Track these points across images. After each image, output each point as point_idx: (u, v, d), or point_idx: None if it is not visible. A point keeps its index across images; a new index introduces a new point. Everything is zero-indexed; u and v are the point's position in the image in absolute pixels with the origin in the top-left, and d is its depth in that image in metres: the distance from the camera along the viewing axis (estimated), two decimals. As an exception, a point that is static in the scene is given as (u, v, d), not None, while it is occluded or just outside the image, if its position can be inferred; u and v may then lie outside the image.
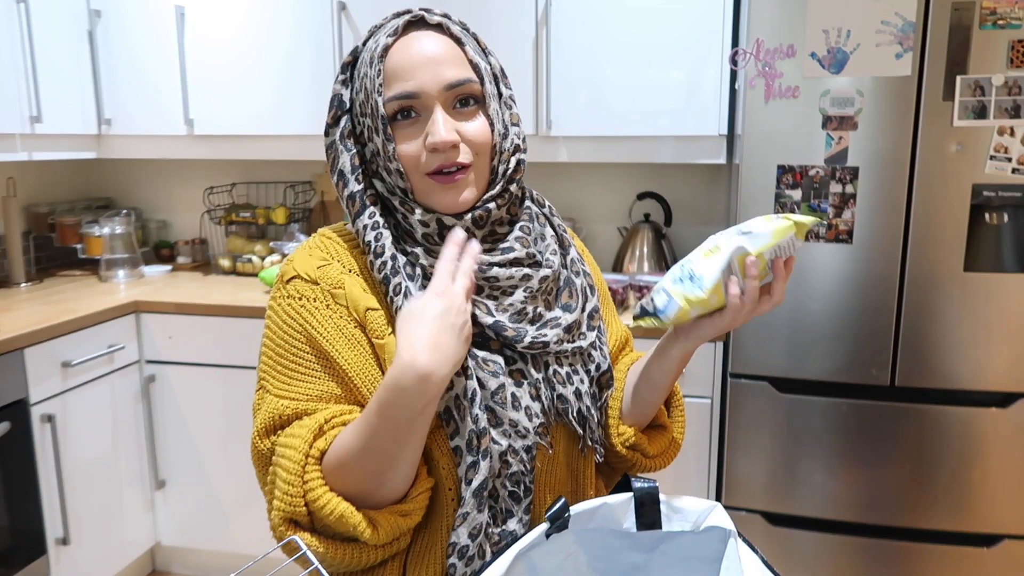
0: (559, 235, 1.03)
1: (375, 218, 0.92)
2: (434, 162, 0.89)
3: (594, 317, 1.01)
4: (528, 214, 0.99)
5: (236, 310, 2.38)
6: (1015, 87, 1.79)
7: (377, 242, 0.91)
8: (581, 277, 1.02)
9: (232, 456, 2.47)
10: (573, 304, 0.98)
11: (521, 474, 0.91)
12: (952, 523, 2.00)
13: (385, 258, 0.90)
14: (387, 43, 0.89)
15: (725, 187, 2.67)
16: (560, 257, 1.00)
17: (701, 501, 0.90)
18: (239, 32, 2.54)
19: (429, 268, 0.90)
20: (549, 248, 0.98)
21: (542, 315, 0.94)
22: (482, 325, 0.90)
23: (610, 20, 2.31)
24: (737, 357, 2.06)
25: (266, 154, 2.63)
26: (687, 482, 2.22)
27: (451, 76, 0.89)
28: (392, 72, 0.89)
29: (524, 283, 0.92)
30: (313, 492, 0.83)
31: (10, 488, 2.05)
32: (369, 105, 0.90)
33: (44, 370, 2.13)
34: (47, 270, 2.92)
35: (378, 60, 0.89)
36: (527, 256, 0.94)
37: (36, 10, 2.38)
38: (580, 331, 0.98)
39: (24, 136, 2.39)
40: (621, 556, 0.92)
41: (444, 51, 0.90)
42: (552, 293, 0.97)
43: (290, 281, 0.93)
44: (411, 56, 0.89)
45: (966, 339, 1.92)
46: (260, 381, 0.94)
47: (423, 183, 0.91)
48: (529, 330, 0.92)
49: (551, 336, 0.93)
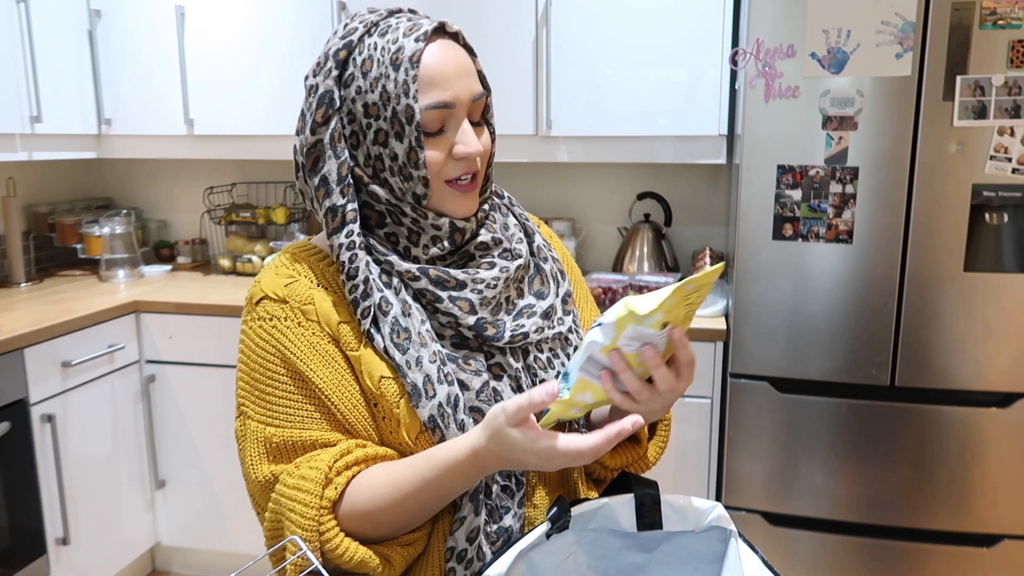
0: (522, 223, 1.03)
1: (352, 237, 0.89)
2: (458, 171, 0.90)
3: (568, 302, 1.01)
4: (493, 204, 1.00)
5: (236, 310, 2.38)
6: (1015, 87, 1.79)
7: (351, 264, 0.89)
8: (549, 263, 1.02)
9: (232, 456, 2.47)
10: (545, 291, 0.98)
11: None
12: (952, 523, 2.00)
13: (358, 281, 0.89)
14: (418, 47, 0.86)
15: (725, 187, 2.67)
16: (526, 245, 1.00)
17: (702, 501, 0.90)
18: (239, 32, 2.54)
19: (406, 274, 0.90)
20: (515, 237, 0.99)
21: (516, 303, 0.95)
22: (463, 326, 0.90)
23: (610, 20, 2.31)
24: (737, 357, 2.06)
25: (266, 154, 2.63)
26: (687, 482, 2.22)
27: (476, 88, 0.90)
28: (429, 79, 0.86)
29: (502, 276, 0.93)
30: (331, 542, 0.84)
31: (10, 488, 2.05)
32: (391, 109, 0.86)
33: (44, 370, 2.13)
34: (47, 270, 2.92)
35: (408, 63, 0.85)
36: (493, 242, 0.95)
37: (36, 10, 2.38)
38: (557, 316, 0.98)
39: (24, 136, 2.39)
40: (621, 556, 0.92)
41: (467, 62, 0.90)
42: (522, 280, 0.98)
43: (259, 303, 0.92)
44: (446, 65, 0.87)
45: (966, 339, 1.92)
46: (240, 407, 0.93)
47: (442, 190, 0.91)
48: (507, 322, 0.92)
49: (529, 326, 0.93)
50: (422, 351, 0.88)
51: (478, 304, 0.91)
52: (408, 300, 0.90)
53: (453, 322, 0.90)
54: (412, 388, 0.87)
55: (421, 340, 0.88)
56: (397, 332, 0.88)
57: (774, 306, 2.01)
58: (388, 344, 0.88)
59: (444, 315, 0.90)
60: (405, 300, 0.90)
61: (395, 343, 0.88)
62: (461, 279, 0.91)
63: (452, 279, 0.90)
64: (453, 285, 0.90)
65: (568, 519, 0.85)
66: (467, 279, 0.91)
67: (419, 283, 0.90)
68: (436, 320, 0.92)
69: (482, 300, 0.91)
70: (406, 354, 0.87)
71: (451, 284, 0.90)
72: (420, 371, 0.87)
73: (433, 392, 0.87)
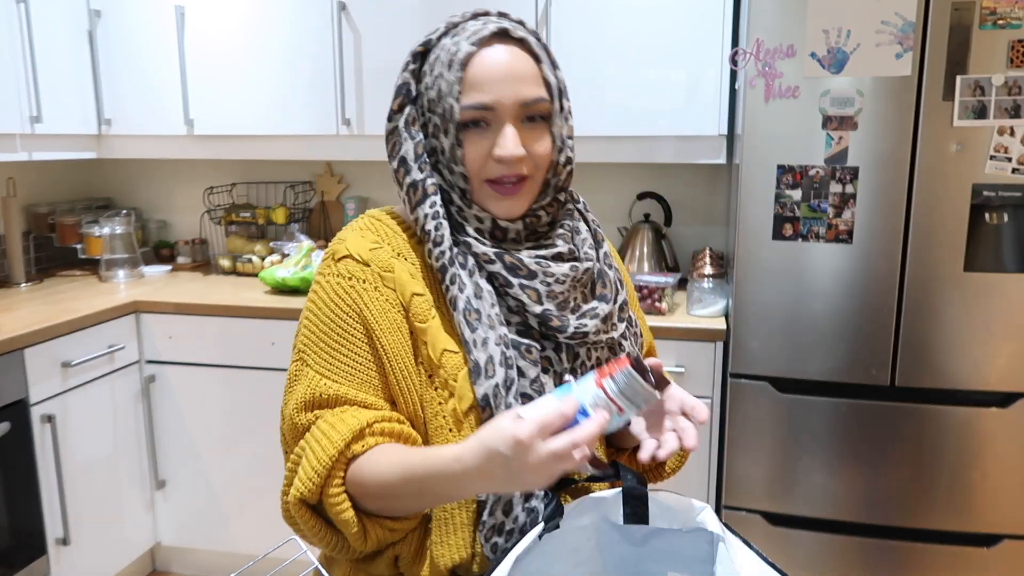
0: (592, 230, 1.06)
1: (435, 207, 0.94)
2: (497, 171, 0.94)
3: (624, 309, 1.04)
4: (567, 211, 1.03)
5: (236, 310, 2.38)
6: (1015, 87, 1.79)
7: (437, 231, 0.94)
8: (613, 270, 1.05)
9: (232, 456, 2.47)
10: (608, 295, 1.01)
11: None
12: (952, 523, 2.00)
13: (444, 247, 0.94)
14: (470, 50, 0.91)
15: (725, 187, 2.67)
16: (595, 251, 1.03)
17: (692, 501, 0.90)
18: (239, 32, 2.54)
19: (482, 256, 0.94)
20: (586, 243, 1.02)
21: (581, 306, 0.98)
22: (530, 314, 0.93)
23: (610, 20, 2.31)
24: (737, 357, 2.06)
25: (266, 154, 2.63)
26: (687, 482, 2.22)
27: (527, 93, 0.92)
28: (472, 81, 0.91)
29: (571, 274, 0.96)
30: (331, 489, 0.88)
31: (10, 488, 2.05)
32: (442, 106, 0.92)
33: (44, 370, 2.13)
34: (47, 270, 2.92)
35: (458, 66, 0.91)
36: (568, 252, 0.98)
37: (36, 10, 2.38)
38: (612, 322, 1.01)
39: (24, 136, 2.39)
40: (612, 550, 0.93)
41: (523, 67, 0.93)
42: (588, 286, 1.01)
43: (341, 260, 0.96)
44: (492, 69, 0.91)
45: (966, 339, 1.92)
46: (299, 353, 0.96)
47: (482, 188, 0.95)
48: (571, 320, 0.95)
49: (591, 326, 0.96)
50: (489, 333, 0.91)
51: (545, 296, 0.94)
52: (480, 283, 0.94)
53: (521, 309, 0.94)
54: (474, 366, 0.90)
55: (490, 322, 0.92)
56: (468, 311, 0.92)
57: (774, 306, 2.01)
58: (460, 320, 0.92)
59: (513, 300, 0.94)
60: (478, 283, 0.94)
61: (467, 321, 0.92)
62: (533, 269, 0.94)
63: (524, 267, 0.94)
64: (525, 273, 0.94)
65: (559, 520, 0.86)
66: (539, 270, 0.94)
67: (493, 266, 0.94)
68: (505, 305, 0.95)
69: (549, 292, 0.94)
70: (475, 333, 0.91)
71: (523, 272, 0.94)
72: (485, 351, 0.90)
73: (493, 372, 0.90)
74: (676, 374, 2.16)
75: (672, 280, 2.29)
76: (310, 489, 0.87)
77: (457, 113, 0.91)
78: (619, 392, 0.78)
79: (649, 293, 2.25)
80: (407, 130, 0.96)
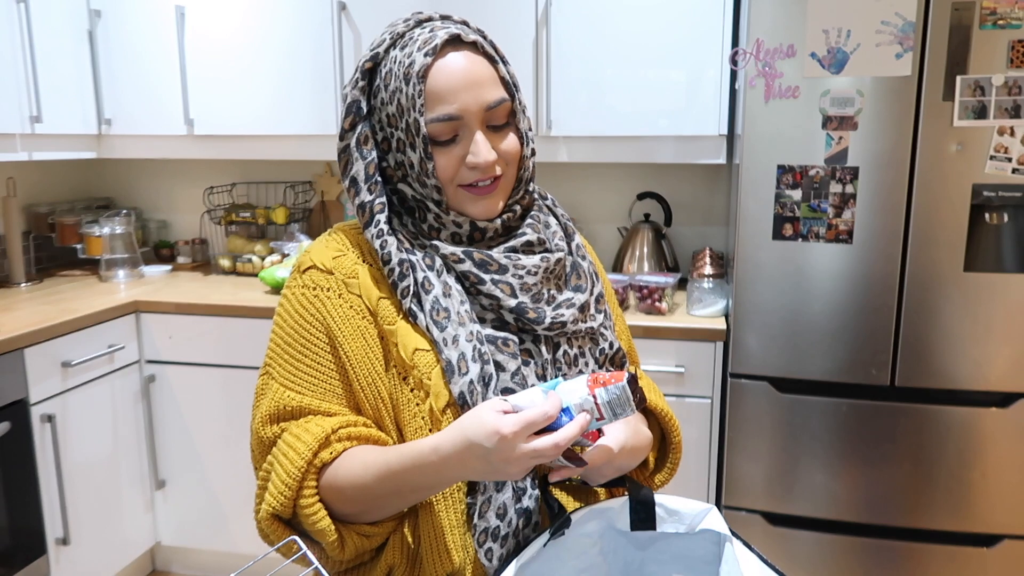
0: (562, 224, 1.07)
1: (380, 226, 0.95)
2: (471, 177, 0.94)
3: (600, 301, 1.04)
4: (536, 205, 1.04)
5: (236, 310, 2.38)
6: (1015, 87, 1.79)
7: (383, 250, 0.94)
8: (587, 262, 1.06)
9: (232, 456, 2.47)
10: (583, 285, 1.02)
11: None
12: (952, 523, 2.00)
13: (393, 265, 0.94)
14: (425, 62, 0.90)
15: (725, 187, 2.67)
16: (566, 243, 1.04)
17: (697, 504, 0.90)
18: (239, 32, 2.54)
19: (451, 257, 0.94)
20: (557, 235, 1.03)
21: (556, 297, 0.98)
22: (504, 308, 0.93)
23: (610, 20, 2.31)
24: (737, 357, 2.06)
25: (266, 154, 2.63)
26: (687, 482, 2.22)
27: (489, 97, 0.92)
28: (435, 93, 0.90)
29: (542, 265, 0.96)
30: (305, 499, 0.88)
31: (10, 488, 2.05)
32: (405, 121, 0.92)
33: (44, 370, 2.13)
34: (47, 270, 2.91)
35: (416, 79, 0.90)
36: (538, 241, 0.98)
37: (36, 10, 2.38)
38: (590, 312, 1.01)
39: (24, 136, 2.39)
40: (617, 554, 0.92)
41: (481, 72, 0.92)
42: (562, 278, 1.01)
43: (306, 271, 0.97)
44: (452, 78, 0.90)
45: (966, 339, 1.92)
46: (266, 366, 0.97)
47: (457, 194, 0.95)
48: (547, 311, 0.95)
49: (568, 316, 0.97)
50: (460, 330, 0.91)
51: (518, 288, 0.94)
52: (450, 282, 0.94)
53: (495, 305, 0.94)
54: (447, 364, 0.90)
55: (460, 320, 0.92)
56: (437, 311, 0.92)
57: (774, 306, 2.01)
58: (428, 322, 0.92)
59: (486, 297, 0.94)
60: (446, 282, 0.94)
61: (435, 320, 0.92)
62: (503, 263, 0.94)
63: (495, 263, 0.94)
64: (495, 268, 0.94)
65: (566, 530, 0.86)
66: (509, 264, 0.95)
67: (463, 266, 0.94)
68: (478, 303, 0.95)
69: (522, 285, 0.94)
70: (444, 331, 0.91)
71: (493, 267, 0.94)
72: (456, 348, 0.90)
73: (466, 369, 0.90)
74: (676, 374, 2.16)
75: (672, 280, 2.29)
76: (282, 503, 0.87)
77: (424, 127, 0.90)
78: (607, 403, 0.81)
79: (649, 293, 2.25)
80: (359, 149, 0.95)
